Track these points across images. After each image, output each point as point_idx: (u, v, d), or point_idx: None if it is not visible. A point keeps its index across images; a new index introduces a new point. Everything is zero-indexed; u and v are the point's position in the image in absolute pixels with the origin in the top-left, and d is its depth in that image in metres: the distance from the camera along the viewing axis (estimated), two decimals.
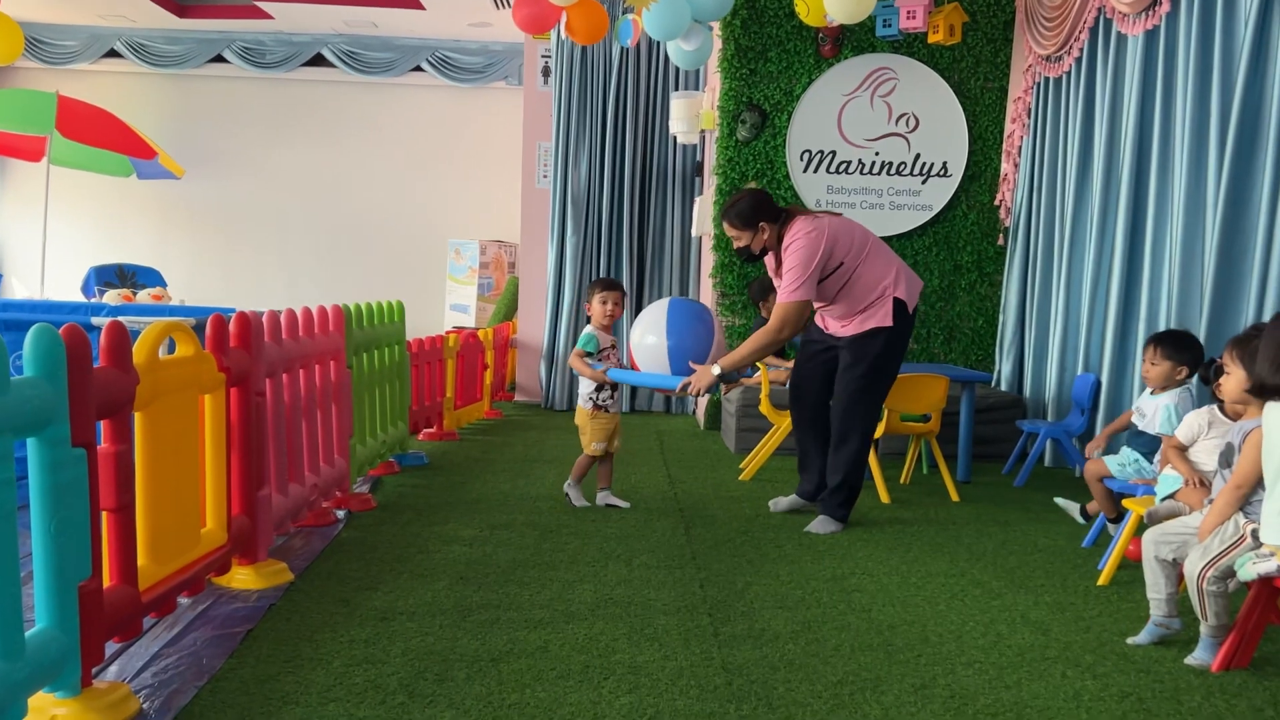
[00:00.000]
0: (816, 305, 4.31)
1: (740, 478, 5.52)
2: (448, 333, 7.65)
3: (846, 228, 4.18)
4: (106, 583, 2.47)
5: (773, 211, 4.24)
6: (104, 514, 2.46)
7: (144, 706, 2.38)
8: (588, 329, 4.55)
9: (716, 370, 4.10)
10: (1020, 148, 6.73)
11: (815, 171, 6.99)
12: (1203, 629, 2.83)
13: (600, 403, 4.54)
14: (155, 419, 2.71)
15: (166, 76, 11.25)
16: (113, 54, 10.96)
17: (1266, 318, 4.00)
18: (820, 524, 4.27)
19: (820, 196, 6.99)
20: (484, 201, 11.35)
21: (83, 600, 2.29)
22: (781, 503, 4.63)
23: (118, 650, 2.68)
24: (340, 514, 4.31)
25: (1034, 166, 6.56)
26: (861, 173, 6.99)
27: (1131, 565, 3.61)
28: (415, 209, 11.51)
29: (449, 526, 4.22)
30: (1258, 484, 2.74)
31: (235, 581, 3.29)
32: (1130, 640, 2.97)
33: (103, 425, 2.46)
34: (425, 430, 6.65)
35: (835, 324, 4.36)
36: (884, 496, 4.97)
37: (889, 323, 4.17)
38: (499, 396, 8.79)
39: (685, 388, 4.11)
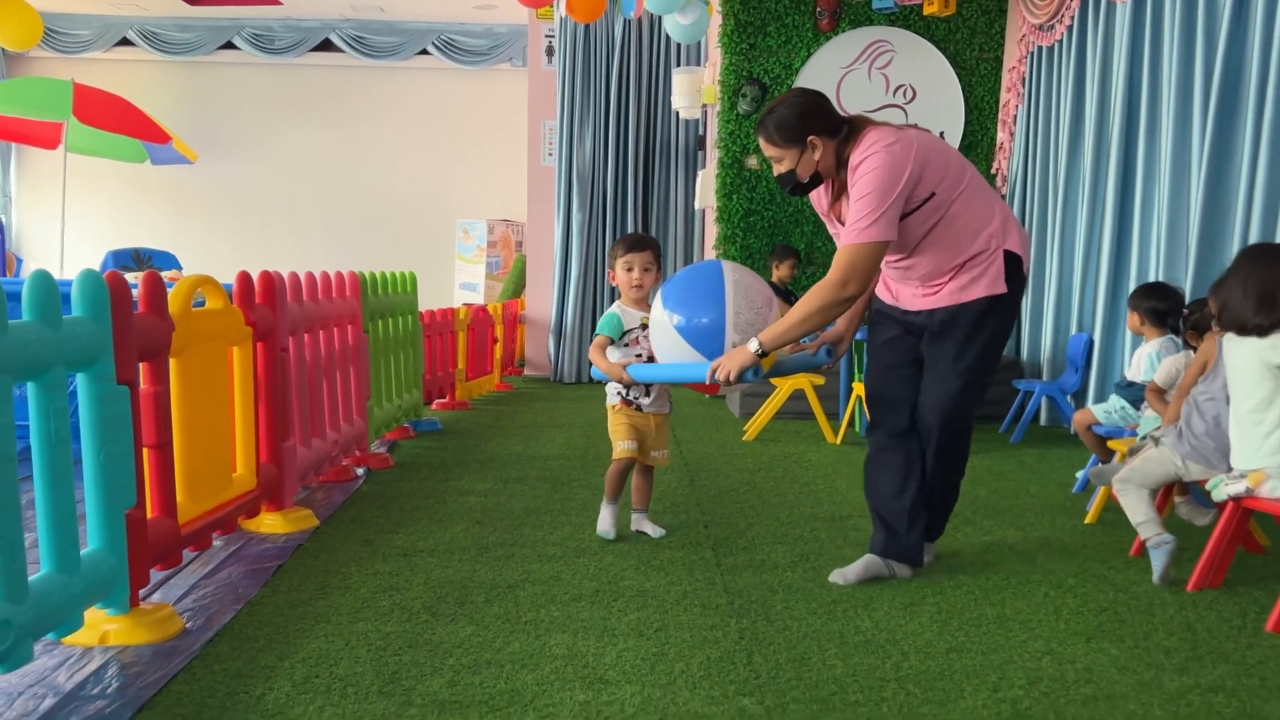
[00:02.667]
0: (887, 261, 3.00)
1: (744, 439, 5.69)
2: (459, 306, 7.83)
3: (939, 147, 2.88)
4: (149, 514, 2.66)
5: (828, 121, 2.89)
6: (145, 451, 2.65)
7: (187, 625, 2.56)
8: (612, 307, 3.43)
9: (755, 346, 2.80)
10: (1015, 116, 6.87)
11: None
12: (1140, 534, 3.06)
13: (631, 398, 3.45)
14: (188, 365, 2.89)
15: (178, 64, 11.43)
16: (125, 42, 11.15)
17: None
18: (876, 564, 3.04)
19: None
20: (491, 181, 11.52)
21: (129, 526, 2.47)
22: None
23: (160, 579, 2.87)
24: (360, 471, 4.49)
25: (1029, 134, 6.69)
26: None
27: (1117, 507, 3.77)
28: (424, 190, 11.69)
29: (464, 481, 4.41)
30: (1191, 386, 3.09)
31: (264, 526, 3.48)
32: (1155, 579, 3.06)
33: (142, 367, 2.64)
34: (438, 400, 6.83)
35: (915, 291, 3.01)
36: None
37: (1002, 288, 2.86)
38: (509, 371, 8.97)
39: (715, 373, 2.85)
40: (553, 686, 2.21)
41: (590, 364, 3.44)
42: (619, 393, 3.45)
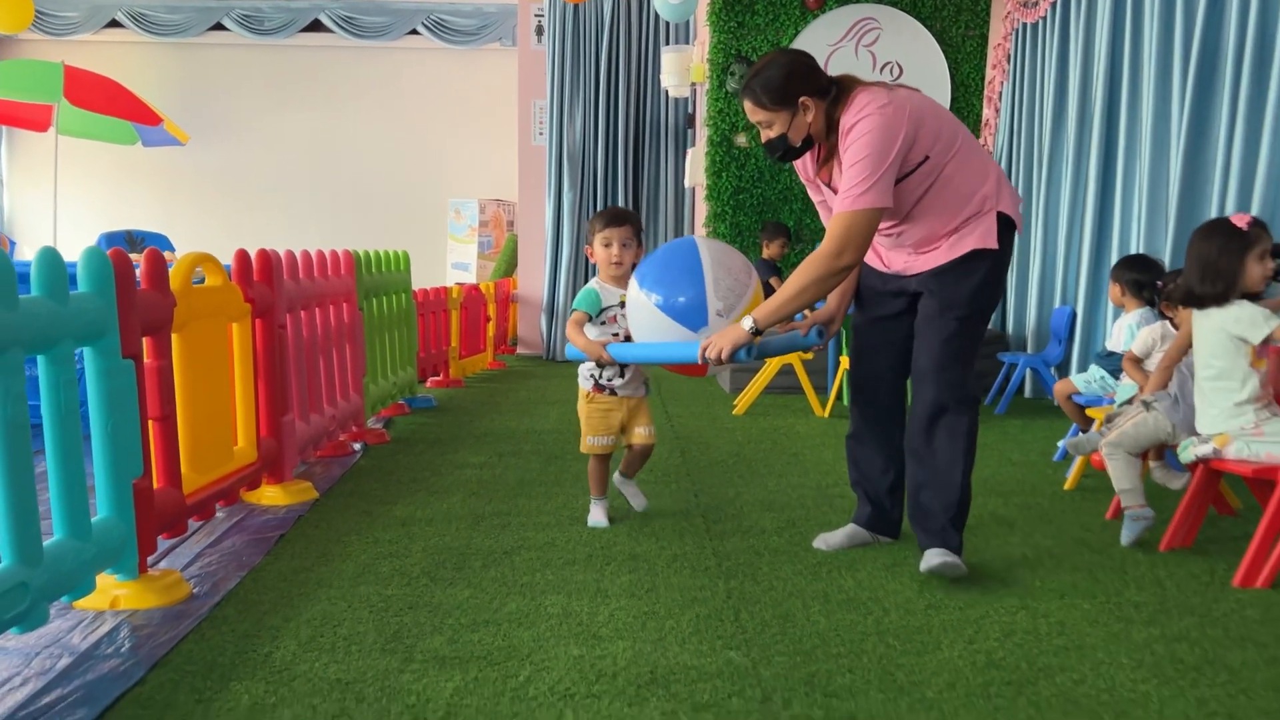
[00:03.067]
0: (879, 229, 2.83)
1: (734, 413, 5.79)
2: (452, 285, 7.90)
3: (931, 108, 2.77)
4: (155, 484, 2.74)
5: (817, 81, 2.78)
6: (150, 423, 2.73)
7: (194, 591, 2.65)
8: (590, 283, 3.29)
9: (749, 324, 2.69)
10: (1001, 93, 6.95)
11: None
12: (1121, 501, 3.17)
13: (604, 381, 3.28)
14: (190, 341, 2.97)
15: (167, 45, 11.43)
16: (114, 24, 11.15)
17: None
18: (938, 560, 2.73)
19: None
20: (482, 161, 11.57)
21: (137, 495, 2.56)
22: (834, 538, 3.09)
23: (166, 548, 2.96)
24: (357, 446, 4.58)
25: (1014, 111, 6.77)
26: None
27: (1096, 474, 3.88)
28: (415, 170, 11.73)
29: (459, 455, 4.50)
30: (1180, 356, 3.22)
31: (264, 498, 3.56)
32: (1124, 543, 3.16)
33: (146, 342, 2.72)
34: (432, 378, 6.92)
35: (907, 256, 2.90)
36: None
37: (992, 243, 2.75)
38: (501, 349, 9.05)
39: (706, 353, 2.73)
40: (548, 643, 2.31)
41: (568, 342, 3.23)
42: (592, 375, 3.27)
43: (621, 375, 3.28)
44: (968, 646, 2.30)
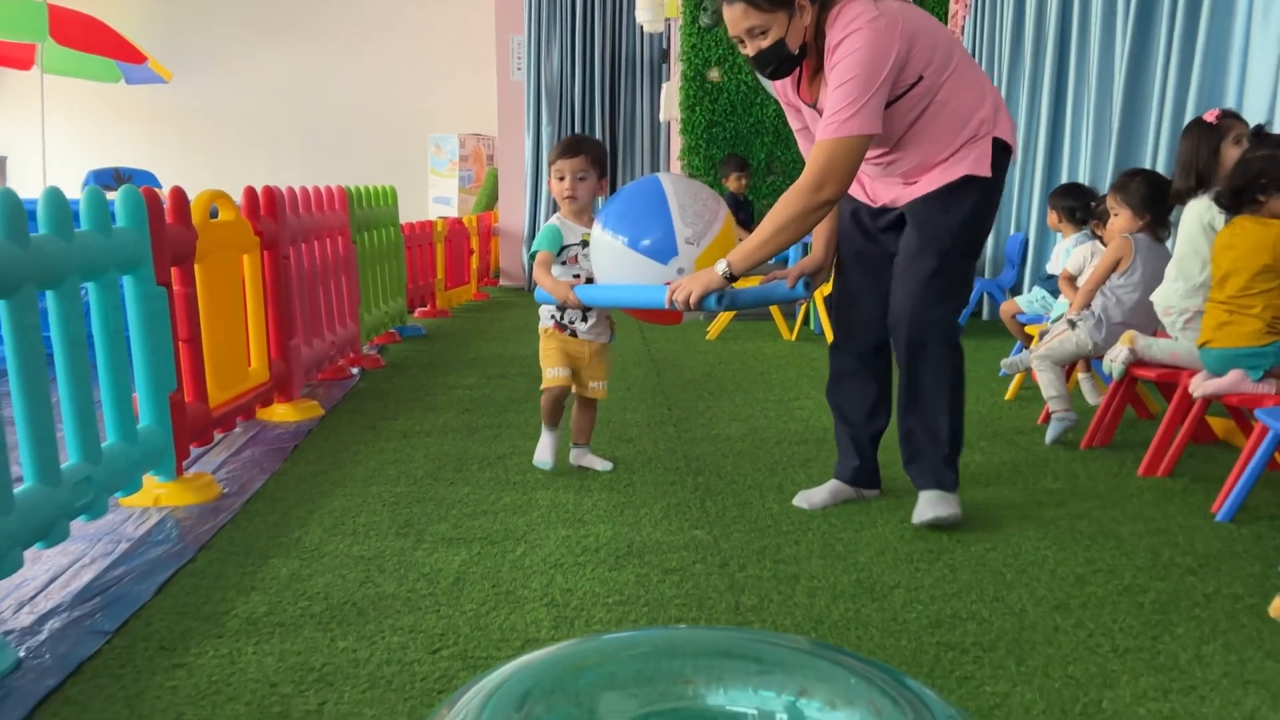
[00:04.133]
0: (867, 158, 2.59)
1: (707, 337, 6.14)
2: (436, 219, 8.17)
3: (926, 22, 2.52)
4: (186, 398, 3.07)
5: None
6: (180, 345, 3.05)
7: (224, 491, 3.00)
8: (551, 219, 3.14)
9: (723, 268, 2.51)
10: (963, 27, 7.21)
11: None
12: (1049, 407, 3.54)
13: (566, 321, 3.12)
14: (209, 270, 3.28)
15: None
16: None
17: (1162, 166, 4.59)
18: (934, 505, 2.65)
19: None
20: (461, 96, 11.71)
21: (172, 407, 2.89)
22: (816, 495, 2.89)
23: (195, 456, 3.30)
24: (355, 370, 4.92)
25: (975, 45, 7.04)
26: None
27: (1032, 386, 4.25)
28: (395, 105, 11.87)
29: (451, 377, 4.85)
30: (1105, 279, 3.56)
31: (275, 415, 3.90)
32: (1047, 441, 3.56)
33: (173, 272, 3.03)
34: (419, 309, 7.23)
35: (893, 185, 2.68)
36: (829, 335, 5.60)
37: (985, 170, 2.55)
38: (485, 281, 9.35)
39: (674, 295, 2.55)
40: (539, 527, 2.68)
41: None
42: (553, 315, 3.12)
43: (585, 319, 3.10)
44: (899, 525, 2.68)
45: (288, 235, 4.00)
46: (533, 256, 3.05)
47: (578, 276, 3.02)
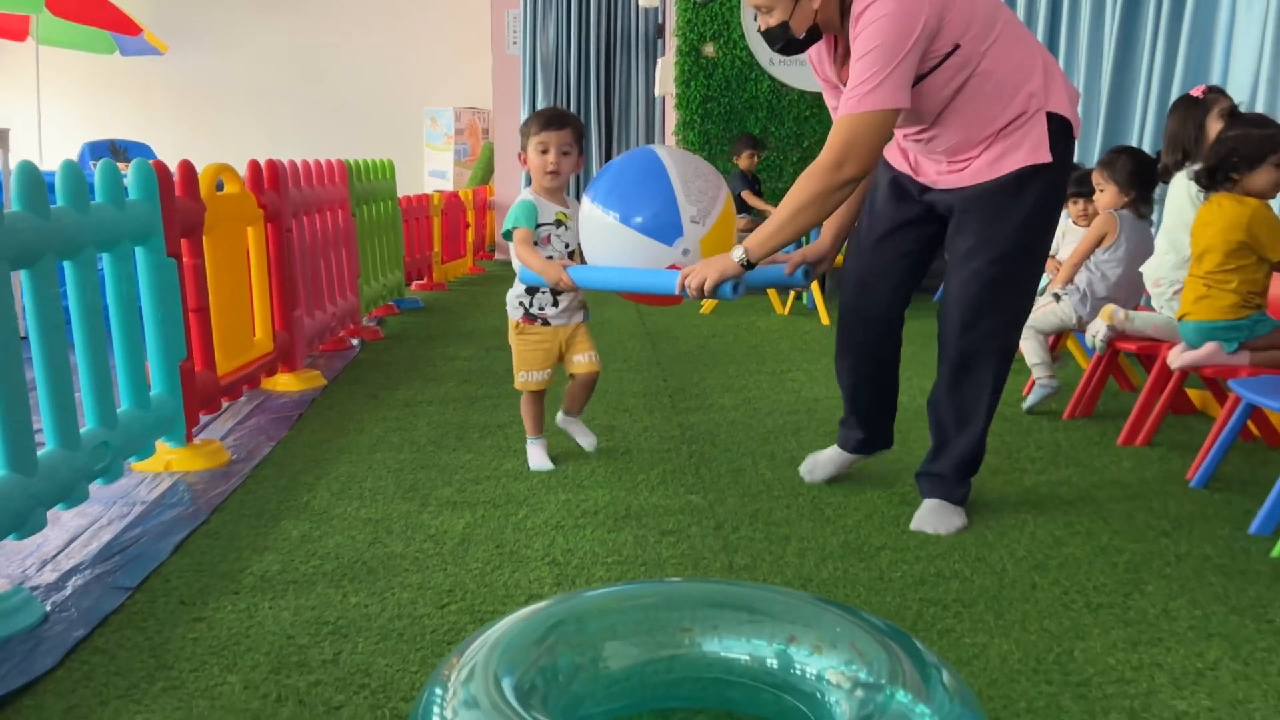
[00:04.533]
0: (903, 133, 2.47)
1: (701, 311, 6.23)
2: (432, 193, 8.23)
3: None
4: (196, 367, 3.16)
5: None
6: (190, 315, 3.13)
7: (233, 457, 3.10)
8: (524, 194, 2.88)
9: (740, 255, 2.32)
10: None
11: None
12: (1034, 374, 3.64)
13: (535, 310, 2.93)
14: (216, 242, 3.36)
15: None
16: None
17: (1148, 144, 4.68)
18: (934, 516, 2.51)
19: (773, 56, 7.52)
20: (457, 69, 11.73)
21: (182, 375, 2.98)
22: (819, 465, 2.86)
23: (203, 424, 3.39)
24: (355, 342, 5.00)
25: None
26: None
27: (1021, 358, 4.36)
28: (391, 78, 11.89)
29: (450, 349, 4.93)
30: (1089, 254, 3.65)
31: (279, 385, 3.99)
32: (1025, 407, 3.67)
33: (183, 243, 3.11)
34: (416, 282, 7.30)
35: (940, 166, 2.45)
36: (822, 313, 5.71)
37: (1044, 157, 2.30)
38: (480, 255, 9.41)
39: (687, 283, 2.35)
40: (540, 491, 2.78)
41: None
42: (521, 303, 2.93)
43: (555, 303, 2.91)
44: (886, 490, 2.79)
45: (290, 208, 4.07)
46: (508, 234, 2.85)
47: (551, 259, 2.80)
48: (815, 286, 5.89)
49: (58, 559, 2.30)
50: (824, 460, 2.86)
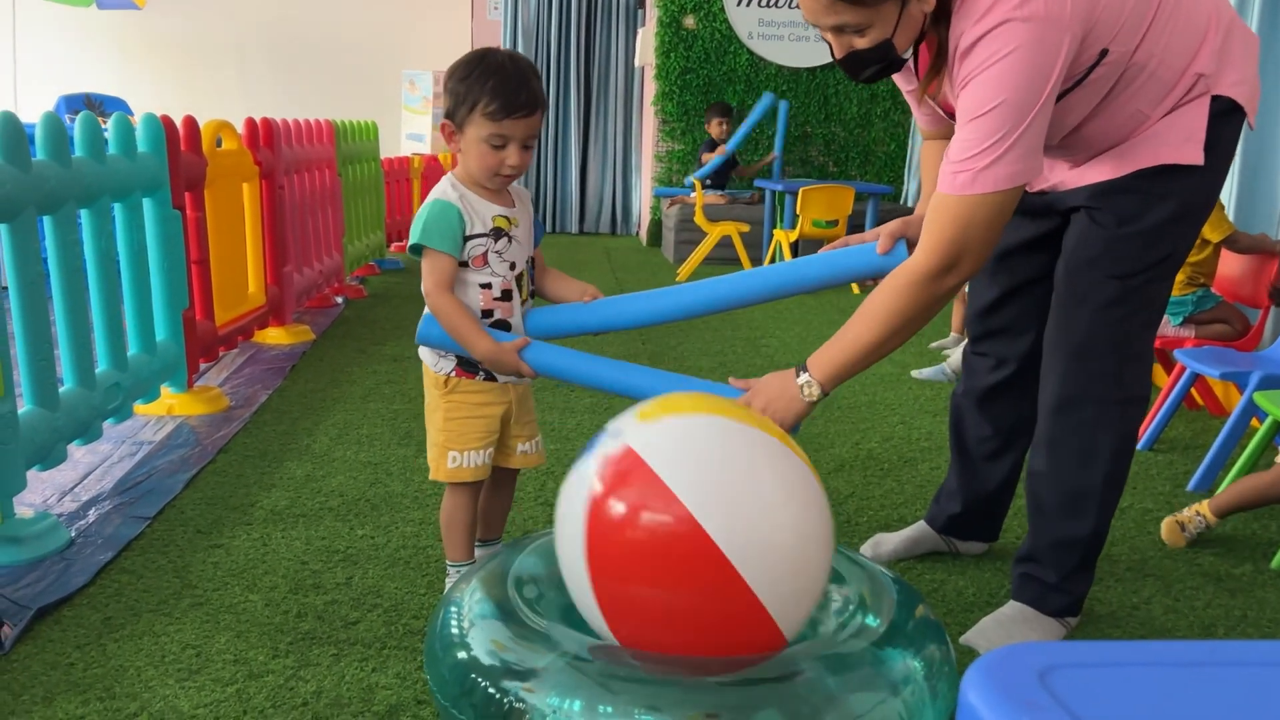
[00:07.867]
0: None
1: (676, 279, 6.39)
2: (412, 155, 8.31)
3: None
4: (197, 316, 3.28)
5: None
6: (192, 266, 3.25)
7: (232, 404, 3.22)
8: (442, 189, 1.82)
9: (812, 392, 1.68)
10: None
11: (748, 6, 7.63)
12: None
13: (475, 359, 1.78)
14: (215, 197, 3.47)
15: None
16: None
17: None
18: (1014, 626, 1.86)
19: (752, 30, 7.65)
20: (436, 33, 11.74)
21: (185, 323, 3.10)
22: (885, 545, 2.22)
23: (201, 372, 3.51)
24: (339, 299, 5.11)
25: None
26: (791, 6, 7.63)
27: None
28: (370, 40, 11.88)
29: None
30: None
31: (269, 339, 4.11)
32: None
33: (186, 196, 3.21)
34: (396, 244, 7.39)
35: (1070, 168, 1.84)
36: None
37: (1194, 156, 1.68)
38: None
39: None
40: None
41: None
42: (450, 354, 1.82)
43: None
44: (855, 447, 2.97)
45: (283, 166, 4.17)
46: (416, 250, 1.77)
47: (487, 287, 1.78)
48: (786, 246, 6.05)
49: (76, 490, 2.43)
50: (894, 543, 2.24)
